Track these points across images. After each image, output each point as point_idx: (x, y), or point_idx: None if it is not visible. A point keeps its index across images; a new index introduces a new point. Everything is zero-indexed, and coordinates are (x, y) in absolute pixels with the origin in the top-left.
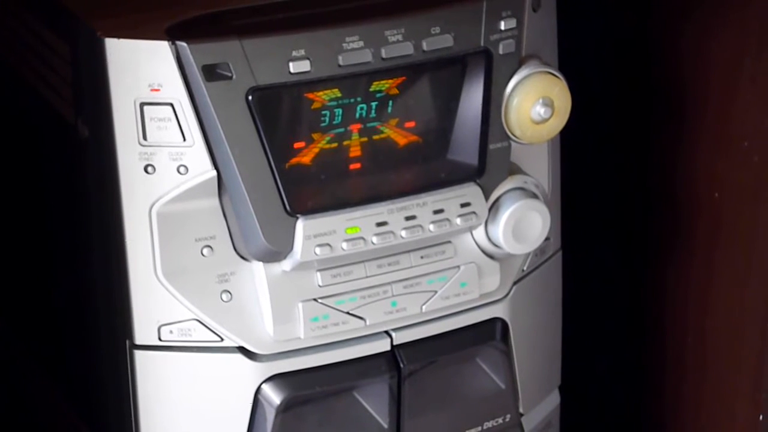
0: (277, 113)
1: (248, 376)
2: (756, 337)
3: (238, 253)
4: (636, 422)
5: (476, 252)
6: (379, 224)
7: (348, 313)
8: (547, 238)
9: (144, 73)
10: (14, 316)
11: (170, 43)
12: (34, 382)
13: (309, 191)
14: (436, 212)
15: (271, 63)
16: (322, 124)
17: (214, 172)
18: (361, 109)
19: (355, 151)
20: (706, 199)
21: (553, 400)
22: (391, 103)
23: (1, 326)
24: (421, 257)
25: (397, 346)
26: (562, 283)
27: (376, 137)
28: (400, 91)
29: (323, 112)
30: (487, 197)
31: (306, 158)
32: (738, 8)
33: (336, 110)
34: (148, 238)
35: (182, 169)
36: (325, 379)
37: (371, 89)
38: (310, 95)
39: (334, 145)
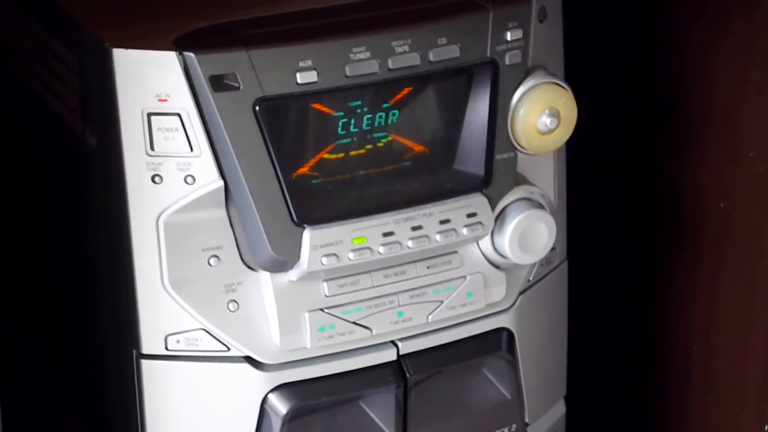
0: (284, 124)
1: (255, 385)
2: (762, 347)
3: (244, 263)
4: None
5: (482, 262)
6: (386, 234)
7: (354, 322)
8: (553, 248)
9: (151, 84)
10: (21, 325)
11: (178, 53)
12: (41, 391)
13: (316, 201)
14: (443, 222)
15: (278, 73)
16: (329, 135)
17: (221, 182)
18: (368, 119)
19: (361, 162)
20: (712, 209)
21: (559, 410)
22: (397, 113)
23: (8, 335)
24: (428, 267)
25: (403, 355)
26: (567, 293)
27: (382, 147)
28: (407, 101)
29: (330, 123)
30: (493, 207)
31: (313, 168)
32: (743, 20)
33: (343, 120)
34: (155, 248)
35: (189, 179)
36: (332, 388)
37: (378, 100)
38: (317, 106)
39: (341, 155)
